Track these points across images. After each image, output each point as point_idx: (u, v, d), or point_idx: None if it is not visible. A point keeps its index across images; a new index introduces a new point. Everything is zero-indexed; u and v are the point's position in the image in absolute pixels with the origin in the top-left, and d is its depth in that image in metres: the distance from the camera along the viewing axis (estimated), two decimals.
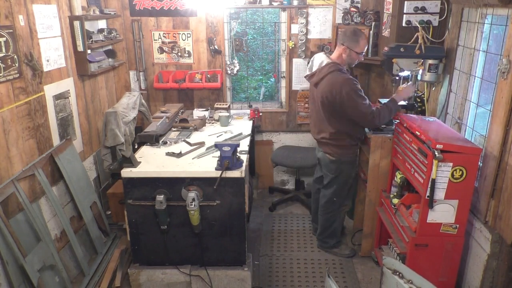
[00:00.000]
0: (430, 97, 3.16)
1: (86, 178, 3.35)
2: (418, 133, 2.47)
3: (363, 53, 3.01)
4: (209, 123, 3.78)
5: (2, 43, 2.50)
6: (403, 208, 2.69)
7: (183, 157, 2.91)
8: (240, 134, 3.43)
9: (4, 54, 2.51)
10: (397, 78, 3.17)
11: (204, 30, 4.13)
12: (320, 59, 3.08)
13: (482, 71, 2.58)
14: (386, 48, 2.98)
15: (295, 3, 4.01)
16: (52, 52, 3.06)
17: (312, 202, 3.63)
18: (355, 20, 3.92)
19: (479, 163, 2.37)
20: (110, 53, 4.03)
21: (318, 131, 3.16)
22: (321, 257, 3.37)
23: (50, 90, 3.02)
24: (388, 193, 3.00)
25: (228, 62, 4.24)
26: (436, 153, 2.24)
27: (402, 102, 3.02)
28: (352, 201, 3.77)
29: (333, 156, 3.12)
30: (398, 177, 2.79)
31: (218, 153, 2.72)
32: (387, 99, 3.02)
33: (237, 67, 4.25)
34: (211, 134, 3.45)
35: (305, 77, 3.27)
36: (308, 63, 3.29)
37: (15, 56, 2.62)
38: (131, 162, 2.74)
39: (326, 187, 3.27)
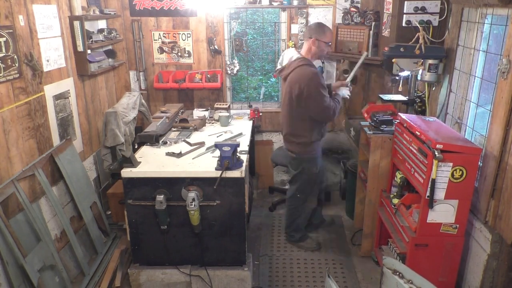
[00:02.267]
0: (430, 97, 3.16)
1: (86, 178, 3.35)
2: (418, 133, 2.47)
3: (330, 43, 3.14)
4: (209, 123, 3.78)
5: (2, 43, 2.50)
6: (403, 208, 2.69)
7: (183, 157, 2.91)
8: (240, 134, 3.43)
9: (4, 54, 2.51)
10: (397, 78, 3.18)
11: (204, 30, 4.13)
12: (290, 54, 3.19)
13: (482, 71, 2.58)
14: (386, 48, 2.98)
15: (295, 3, 4.01)
16: (52, 52, 3.06)
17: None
18: (355, 20, 3.92)
19: (479, 163, 2.36)
20: (110, 53, 4.03)
21: (284, 127, 3.29)
22: (321, 257, 3.37)
23: (50, 90, 3.02)
24: (388, 193, 3.00)
25: (228, 62, 4.24)
26: (436, 153, 2.24)
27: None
28: (352, 201, 3.78)
29: (294, 153, 3.24)
30: (398, 177, 2.79)
31: (218, 153, 2.72)
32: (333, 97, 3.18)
33: (237, 67, 4.25)
34: (211, 134, 3.45)
35: (275, 71, 3.38)
36: (278, 58, 3.41)
37: (15, 56, 2.62)
38: (131, 162, 2.74)
39: (291, 182, 3.41)
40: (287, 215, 3.50)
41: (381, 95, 3.31)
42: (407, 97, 3.21)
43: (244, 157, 2.81)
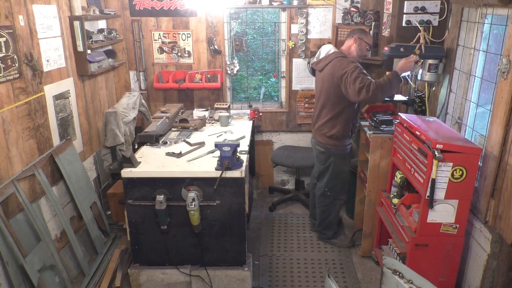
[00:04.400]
0: (430, 97, 3.16)
1: (86, 178, 3.35)
2: (418, 133, 2.47)
3: (370, 48, 3.16)
4: (209, 123, 3.78)
5: (2, 43, 2.50)
6: (403, 208, 2.69)
7: (183, 157, 2.91)
8: (240, 134, 3.43)
9: (4, 54, 2.51)
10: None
11: (204, 30, 4.13)
12: (328, 48, 3.21)
13: (482, 71, 2.58)
14: (386, 48, 2.98)
15: (295, 3, 4.01)
16: (52, 52, 3.06)
17: (310, 197, 3.73)
18: (355, 20, 3.92)
19: (479, 163, 2.37)
20: (110, 53, 4.03)
21: (316, 119, 3.28)
22: (321, 257, 3.37)
23: (50, 90, 3.02)
24: (388, 193, 3.00)
25: (228, 62, 4.24)
26: (436, 153, 2.24)
27: (406, 74, 3.00)
28: (351, 201, 3.78)
29: (322, 147, 3.24)
30: (398, 177, 2.79)
31: (218, 153, 2.72)
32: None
33: (237, 67, 4.25)
34: (211, 134, 3.44)
35: (311, 64, 3.39)
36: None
37: (15, 56, 2.62)
38: (131, 162, 2.74)
39: (319, 179, 3.41)
40: (319, 213, 3.50)
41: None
42: (407, 97, 3.22)
43: (244, 157, 2.81)
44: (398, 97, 3.28)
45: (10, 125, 2.58)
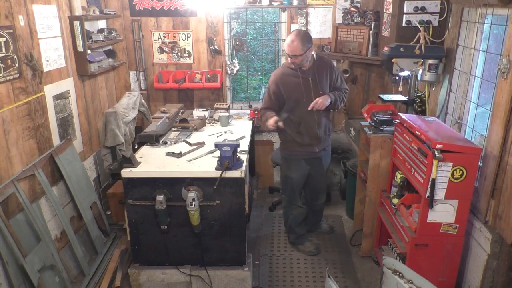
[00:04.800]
0: (430, 97, 3.16)
1: (86, 178, 3.35)
2: (418, 133, 2.47)
3: (291, 56, 2.93)
4: (209, 123, 3.77)
5: (2, 43, 2.50)
6: (403, 208, 2.69)
7: (183, 157, 2.91)
8: (240, 134, 3.43)
9: (4, 54, 2.51)
10: (397, 78, 3.17)
11: (204, 30, 4.13)
12: None
13: (482, 71, 2.58)
14: (386, 48, 2.98)
15: (295, 3, 4.01)
16: (52, 52, 3.06)
17: None
18: (355, 20, 3.92)
19: (479, 163, 2.36)
20: (110, 53, 4.03)
21: None
22: (321, 257, 3.37)
23: (50, 90, 3.02)
24: (388, 193, 3.00)
25: (228, 62, 4.24)
26: (436, 153, 2.24)
27: None
28: (351, 201, 3.77)
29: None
30: (398, 177, 2.79)
31: (218, 153, 2.72)
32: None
33: (237, 67, 4.25)
34: (211, 134, 3.44)
35: None
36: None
37: (15, 56, 2.62)
38: (131, 162, 2.74)
39: None
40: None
41: (381, 95, 3.31)
42: (407, 97, 3.21)
43: (244, 157, 2.81)
44: (398, 97, 3.28)
45: (10, 125, 2.58)
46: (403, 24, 2.95)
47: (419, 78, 3.04)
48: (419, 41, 2.88)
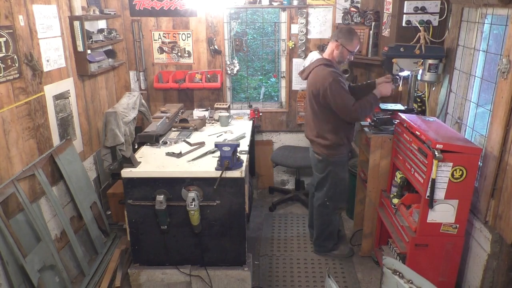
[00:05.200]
0: (430, 97, 3.16)
1: (86, 178, 3.35)
2: (418, 133, 2.47)
3: (354, 53, 3.03)
4: (209, 123, 3.78)
5: (2, 43, 2.50)
6: (403, 208, 2.69)
7: (183, 157, 2.91)
8: (240, 134, 3.43)
9: (4, 54, 2.51)
10: (397, 78, 3.17)
11: (204, 30, 4.13)
12: (312, 56, 3.14)
13: (482, 71, 2.58)
14: (386, 48, 2.98)
15: (295, 3, 4.01)
16: (52, 52, 3.06)
17: (309, 206, 3.62)
18: (355, 20, 3.92)
19: (479, 163, 2.37)
20: (110, 53, 4.03)
21: (309, 129, 3.19)
22: (321, 257, 3.37)
23: (50, 90, 3.02)
24: (388, 193, 3.00)
25: (228, 62, 4.24)
26: (436, 153, 2.24)
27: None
28: (351, 201, 3.78)
29: (320, 156, 3.12)
30: (398, 177, 2.79)
31: (218, 153, 2.72)
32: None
33: (237, 67, 4.25)
34: (211, 134, 3.44)
35: (298, 73, 3.33)
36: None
37: (15, 56, 2.62)
38: (131, 162, 2.74)
39: (317, 189, 3.26)
40: (318, 225, 3.32)
41: (380, 105, 3.26)
42: (405, 107, 3.18)
43: (244, 157, 2.81)
44: (396, 107, 3.21)
45: (10, 125, 2.58)
46: (403, 24, 2.95)
47: (419, 78, 3.04)
48: (419, 41, 2.89)
